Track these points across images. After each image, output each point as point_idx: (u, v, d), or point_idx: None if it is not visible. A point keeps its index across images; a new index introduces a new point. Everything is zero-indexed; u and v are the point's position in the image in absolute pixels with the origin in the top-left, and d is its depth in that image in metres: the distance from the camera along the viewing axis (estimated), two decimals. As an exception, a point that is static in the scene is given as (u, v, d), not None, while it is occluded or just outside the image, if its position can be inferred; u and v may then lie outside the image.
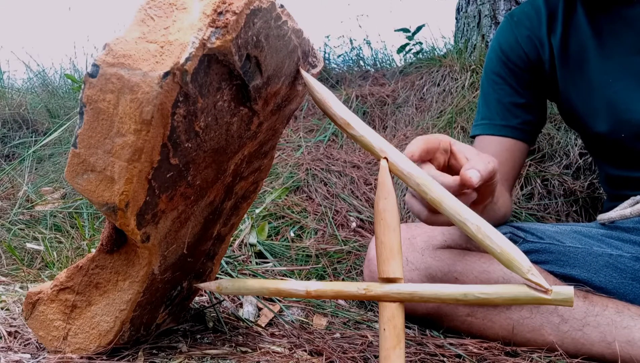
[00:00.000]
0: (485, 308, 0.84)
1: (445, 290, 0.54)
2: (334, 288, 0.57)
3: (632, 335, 0.75)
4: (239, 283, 0.61)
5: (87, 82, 0.49)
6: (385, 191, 0.54)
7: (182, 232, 0.61)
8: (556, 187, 1.52)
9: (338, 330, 0.84)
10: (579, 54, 0.99)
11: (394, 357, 0.52)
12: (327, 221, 1.34)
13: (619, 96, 0.94)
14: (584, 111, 1.00)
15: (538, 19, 1.02)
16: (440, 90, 1.99)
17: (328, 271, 1.11)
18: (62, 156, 1.76)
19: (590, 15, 0.97)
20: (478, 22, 2.12)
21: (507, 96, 1.05)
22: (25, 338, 0.68)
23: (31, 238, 1.15)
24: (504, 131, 1.03)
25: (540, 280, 0.50)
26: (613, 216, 0.91)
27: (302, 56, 0.58)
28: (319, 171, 1.54)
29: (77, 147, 0.51)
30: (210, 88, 0.50)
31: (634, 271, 0.85)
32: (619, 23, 0.95)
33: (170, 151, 0.50)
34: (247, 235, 1.11)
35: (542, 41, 1.02)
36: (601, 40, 0.96)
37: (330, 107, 0.57)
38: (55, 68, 3.07)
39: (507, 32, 1.06)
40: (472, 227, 0.52)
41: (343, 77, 2.44)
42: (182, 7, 0.48)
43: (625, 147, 0.95)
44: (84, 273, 0.61)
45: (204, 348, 0.68)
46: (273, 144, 0.68)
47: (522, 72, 1.04)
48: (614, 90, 0.94)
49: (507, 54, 1.05)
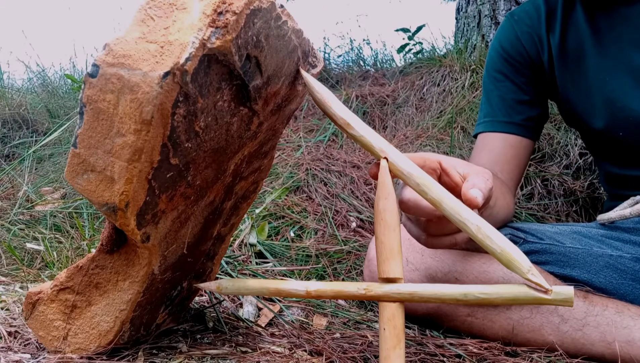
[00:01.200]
0: (485, 308, 0.83)
1: (445, 290, 0.53)
2: (334, 288, 0.57)
3: (632, 335, 0.75)
4: (239, 283, 0.61)
5: (87, 82, 0.49)
6: (385, 191, 0.54)
7: (182, 232, 0.61)
8: (556, 187, 1.52)
9: (338, 330, 0.84)
10: (577, 51, 0.99)
11: (394, 357, 0.52)
12: (327, 221, 1.34)
13: (616, 93, 0.94)
14: (582, 108, 1.00)
15: (538, 17, 1.03)
16: (440, 90, 2.00)
17: (328, 271, 1.11)
18: (62, 156, 1.76)
19: (589, 14, 0.98)
20: (478, 22, 2.12)
21: (509, 92, 1.05)
22: (25, 338, 0.68)
23: (31, 238, 1.15)
24: (508, 128, 1.03)
25: (540, 280, 0.50)
26: (613, 217, 0.91)
27: (302, 56, 0.58)
28: (319, 171, 1.54)
29: (77, 147, 0.51)
30: (210, 88, 0.50)
31: (634, 272, 0.85)
32: (617, 21, 0.95)
33: (170, 151, 0.50)
34: (247, 235, 1.11)
35: (541, 40, 1.02)
36: (599, 37, 0.96)
37: (330, 107, 0.57)
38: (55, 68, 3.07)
39: (507, 30, 1.06)
40: (472, 227, 0.52)
41: (343, 77, 2.44)
42: (182, 7, 0.48)
43: (623, 144, 0.95)
44: (84, 273, 0.61)
45: (204, 348, 0.68)
46: (273, 144, 0.68)
47: (524, 69, 1.04)
48: (611, 88, 0.94)
49: (508, 50, 1.05)
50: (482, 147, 1.05)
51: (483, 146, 1.05)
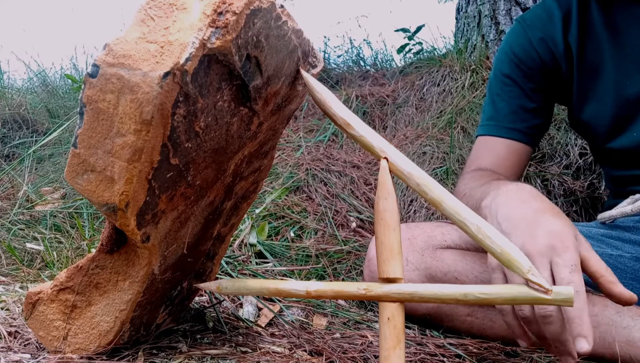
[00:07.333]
0: (485, 308, 0.83)
1: (445, 290, 0.53)
2: (334, 288, 0.57)
3: (632, 335, 0.75)
4: (239, 283, 0.61)
5: (87, 83, 0.49)
6: (385, 191, 0.54)
7: (182, 232, 0.61)
8: (556, 187, 1.52)
9: (338, 330, 0.84)
10: (595, 54, 0.98)
11: (394, 357, 0.52)
12: (327, 221, 1.34)
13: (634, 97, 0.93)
14: (594, 114, 1.00)
15: (551, 21, 1.02)
16: (440, 90, 1.99)
17: (328, 271, 1.11)
18: (62, 156, 1.76)
19: (606, 14, 0.97)
20: (478, 22, 2.12)
21: (516, 98, 1.04)
22: (25, 338, 0.68)
23: (31, 238, 1.15)
24: (512, 134, 1.03)
25: (541, 280, 0.50)
26: (614, 214, 0.91)
27: (302, 56, 0.58)
28: (319, 171, 1.54)
29: (77, 147, 0.51)
30: (210, 88, 0.50)
31: (634, 271, 0.85)
32: (635, 21, 0.94)
33: (170, 151, 0.50)
34: (247, 235, 1.11)
35: (556, 42, 1.01)
36: (617, 40, 0.96)
37: (330, 108, 0.57)
38: (55, 68, 3.07)
39: (519, 35, 1.05)
40: (472, 227, 0.52)
41: (343, 77, 2.44)
42: (182, 7, 0.48)
43: (632, 151, 0.95)
44: (84, 273, 0.61)
45: (204, 348, 0.68)
46: (273, 144, 0.68)
47: (535, 74, 1.03)
48: (631, 91, 0.94)
49: (520, 56, 1.04)
50: (484, 150, 1.05)
51: (486, 149, 1.05)
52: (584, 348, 0.58)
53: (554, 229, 0.65)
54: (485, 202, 0.75)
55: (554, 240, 0.63)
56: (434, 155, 1.63)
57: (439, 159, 1.62)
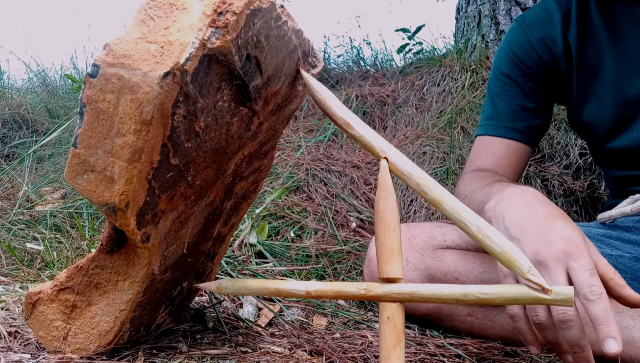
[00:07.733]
0: (485, 308, 0.84)
1: (445, 290, 0.54)
2: (334, 288, 0.57)
3: (632, 335, 0.75)
4: (239, 283, 0.61)
5: (87, 83, 0.49)
6: (385, 191, 0.54)
7: (182, 232, 0.61)
8: (556, 187, 1.52)
9: (338, 330, 0.84)
10: (595, 54, 0.98)
11: (394, 357, 0.52)
12: (327, 221, 1.34)
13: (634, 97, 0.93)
14: (594, 114, 0.99)
15: (550, 20, 1.02)
16: (440, 90, 1.99)
17: (328, 271, 1.11)
18: (62, 156, 1.76)
19: (605, 14, 0.97)
20: (478, 22, 2.12)
21: (515, 98, 1.04)
22: (25, 338, 0.68)
23: (31, 238, 1.15)
24: (511, 134, 1.03)
25: (541, 280, 0.50)
26: (614, 214, 0.91)
27: (302, 56, 0.58)
28: (319, 171, 1.54)
29: (77, 147, 0.51)
30: (210, 88, 0.50)
31: (633, 271, 0.85)
32: (635, 21, 0.94)
33: (170, 151, 0.50)
34: (247, 235, 1.11)
35: (555, 42, 1.00)
36: (617, 40, 0.96)
37: (330, 108, 0.57)
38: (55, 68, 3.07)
39: (518, 35, 1.05)
40: (472, 227, 0.52)
41: (343, 77, 2.44)
42: (182, 7, 0.48)
43: (632, 151, 0.95)
44: (84, 273, 0.61)
45: (204, 348, 0.68)
46: (273, 144, 0.68)
47: (534, 74, 1.03)
48: (631, 90, 0.94)
49: (519, 56, 1.04)
50: (483, 150, 1.05)
51: (485, 149, 1.05)
52: (613, 349, 0.58)
53: (567, 235, 0.65)
54: (488, 205, 0.75)
55: (568, 245, 0.64)
56: (434, 155, 1.63)
57: (439, 159, 1.62)
